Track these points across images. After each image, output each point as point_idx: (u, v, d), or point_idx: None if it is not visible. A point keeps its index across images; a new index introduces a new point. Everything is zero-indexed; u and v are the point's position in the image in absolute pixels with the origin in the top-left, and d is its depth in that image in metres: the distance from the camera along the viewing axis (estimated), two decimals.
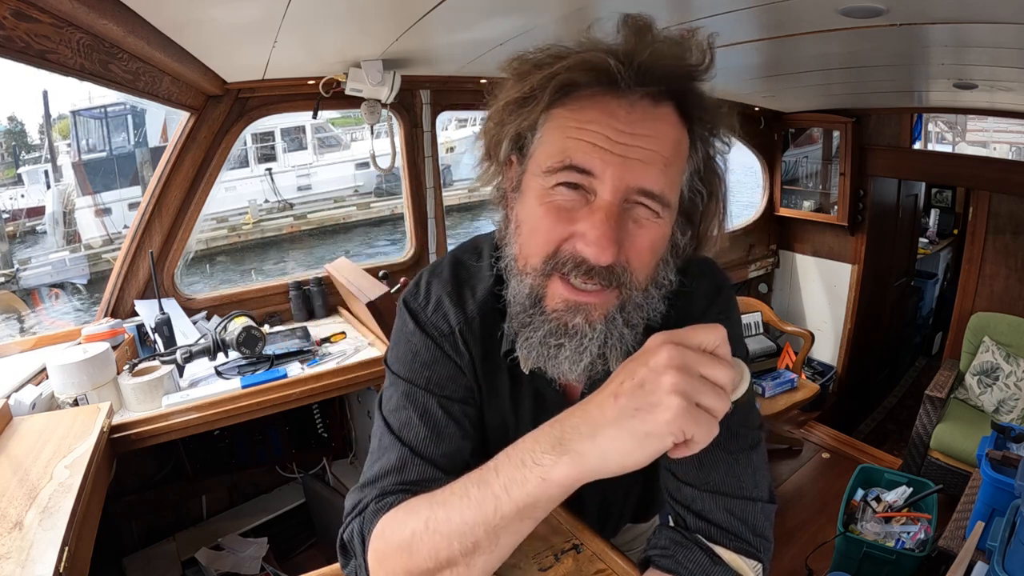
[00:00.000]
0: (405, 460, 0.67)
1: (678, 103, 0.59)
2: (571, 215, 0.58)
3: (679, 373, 0.46)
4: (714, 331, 0.48)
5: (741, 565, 0.63)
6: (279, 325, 2.06)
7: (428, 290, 0.74)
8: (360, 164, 12.02)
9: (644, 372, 0.48)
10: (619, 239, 0.56)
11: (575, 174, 0.57)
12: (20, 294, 8.19)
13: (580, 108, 0.57)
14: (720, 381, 0.47)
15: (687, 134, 0.60)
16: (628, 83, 0.55)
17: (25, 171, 11.48)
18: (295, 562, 2.00)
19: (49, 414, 1.31)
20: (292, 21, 1.25)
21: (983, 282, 3.04)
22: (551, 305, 0.61)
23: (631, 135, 0.55)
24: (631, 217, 0.58)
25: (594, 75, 0.56)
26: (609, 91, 0.56)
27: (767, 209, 3.70)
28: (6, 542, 0.84)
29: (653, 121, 0.56)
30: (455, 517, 0.54)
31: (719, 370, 0.47)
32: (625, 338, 0.62)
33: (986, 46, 1.59)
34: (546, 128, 0.60)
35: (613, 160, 0.55)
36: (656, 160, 0.56)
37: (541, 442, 0.51)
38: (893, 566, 1.95)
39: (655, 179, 0.56)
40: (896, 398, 4.11)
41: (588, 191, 0.57)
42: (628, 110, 0.56)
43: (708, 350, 0.48)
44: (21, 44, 0.95)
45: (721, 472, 0.64)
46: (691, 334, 0.48)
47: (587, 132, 0.56)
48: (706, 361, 0.47)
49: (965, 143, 4.65)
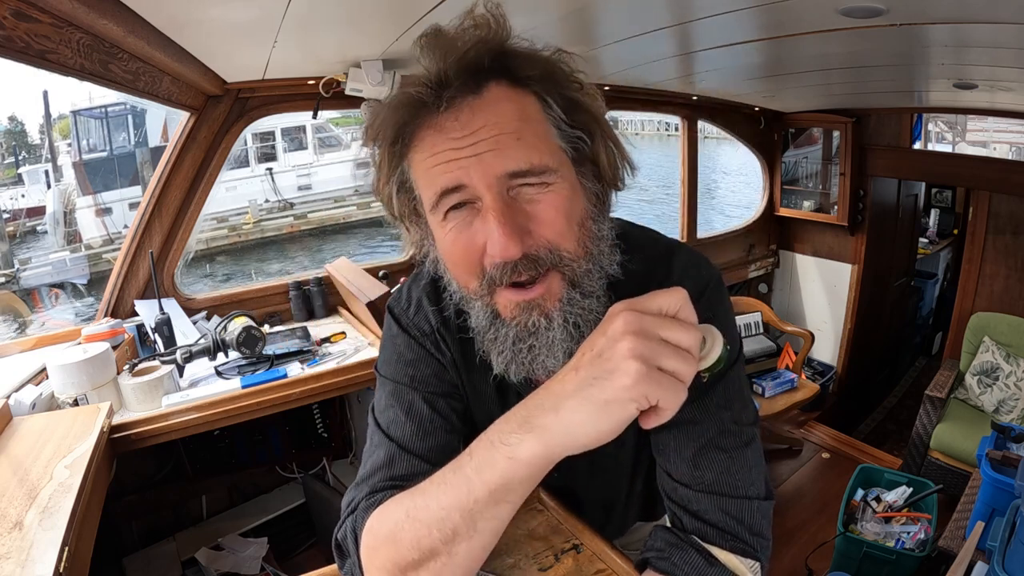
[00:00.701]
0: (393, 456, 0.69)
1: (501, 76, 0.58)
2: (472, 231, 0.59)
3: (636, 337, 0.45)
4: (674, 294, 0.48)
5: (738, 565, 0.62)
6: (279, 325, 2.06)
7: (409, 294, 0.78)
8: (360, 164, 12.01)
9: (602, 341, 0.48)
10: (520, 227, 0.57)
11: (451, 196, 0.58)
12: (20, 294, 8.18)
13: (422, 142, 0.59)
14: (682, 343, 0.46)
15: (529, 95, 0.59)
16: (440, 97, 0.57)
17: (25, 171, 11.49)
18: (295, 562, 2.00)
19: (49, 414, 1.32)
20: (292, 21, 1.25)
21: (983, 282, 3.04)
22: (506, 314, 0.62)
23: (471, 134, 0.56)
24: (523, 199, 0.58)
25: (411, 110, 0.58)
26: (433, 114, 0.58)
27: (767, 209, 3.70)
28: (6, 542, 0.84)
29: (482, 109, 0.57)
30: (432, 504, 0.55)
31: (679, 332, 0.46)
32: (590, 308, 0.62)
33: (986, 46, 1.59)
34: (412, 175, 0.62)
35: (470, 163, 0.56)
36: (506, 140, 0.56)
37: (510, 422, 0.52)
38: (893, 566, 1.95)
39: (515, 158, 0.56)
40: (896, 398, 4.11)
41: (472, 201, 0.58)
42: (456, 116, 0.57)
43: (669, 314, 0.47)
44: (21, 44, 0.95)
45: (716, 471, 0.64)
46: (650, 300, 0.48)
47: (437, 157, 0.57)
48: (666, 324, 0.47)
49: (965, 143, 4.64)
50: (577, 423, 0.48)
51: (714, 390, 0.66)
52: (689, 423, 0.66)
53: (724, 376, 0.67)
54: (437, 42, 0.58)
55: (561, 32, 1.57)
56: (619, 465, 0.83)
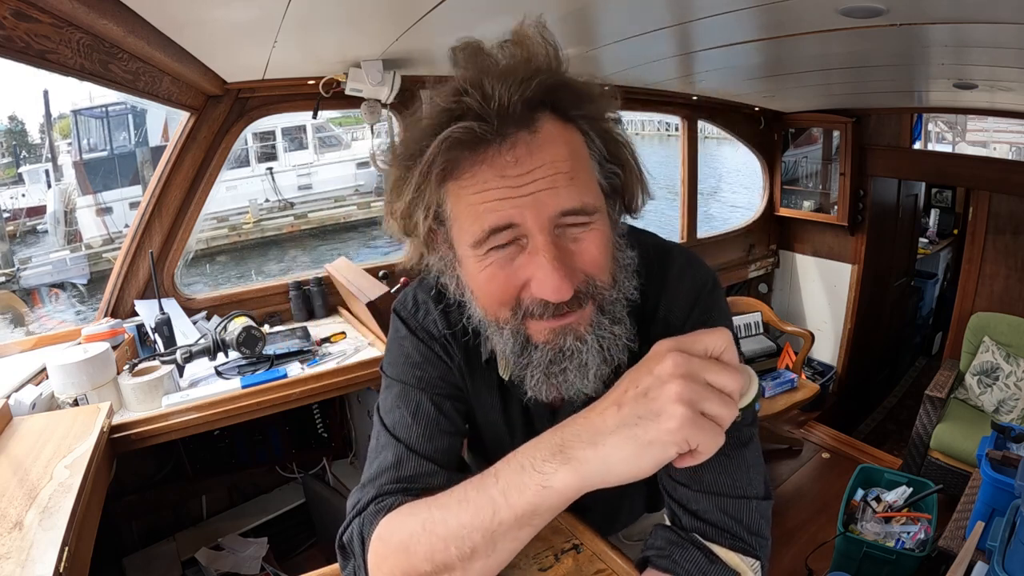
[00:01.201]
0: (400, 457, 0.69)
1: (551, 111, 0.57)
2: (515, 267, 0.58)
3: (684, 381, 0.45)
4: (719, 336, 0.47)
5: (739, 563, 0.62)
6: (279, 325, 2.06)
7: (416, 299, 0.78)
8: (361, 163, 12.03)
9: (649, 380, 0.47)
10: (569, 267, 0.56)
11: (499, 235, 0.56)
12: (20, 294, 8.18)
13: (471, 177, 0.56)
14: (728, 388, 0.46)
15: (576, 132, 0.59)
16: (498, 132, 0.54)
17: (26, 170, 11.49)
18: (295, 562, 2.00)
19: (49, 414, 1.32)
20: (292, 21, 1.25)
21: (983, 282, 3.04)
22: (539, 338, 0.61)
23: (528, 173, 0.55)
24: (568, 238, 0.57)
25: (466, 147, 0.55)
26: (485, 147, 0.55)
27: (767, 209, 3.70)
28: (6, 542, 0.84)
29: (539, 147, 0.55)
30: (452, 520, 0.54)
31: (727, 377, 0.46)
32: (617, 333, 0.62)
33: (986, 46, 1.59)
34: (450, 204, 0.59)
35: (524, 203, 0.55)
36: (560, 180, 0.55)
37: (542, 449, 0.51)
38: (893, 566, 1.95)
39: (569, 197, 0.55)
40: (896, 398, 4.11)
41: (519, 238, 0.57)
42: (512, 154, 0.55)
43: (715, 355, 0.47)
44: (21, 44, 0.95)
45: (714, 472, 0.64)
46: (696, 339, 0.48)
47: (489, 194, 0.55)
48: (713, 368, 0.46)
49: (965, 143, 4.64)
50: (616, 460, 0.47)
51: None
52: None
53: (754, 414, 0.67)
54: (484, 64, 0.57)
55: (561, 32, 1.57)
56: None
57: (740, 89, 2.82)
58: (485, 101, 0.54)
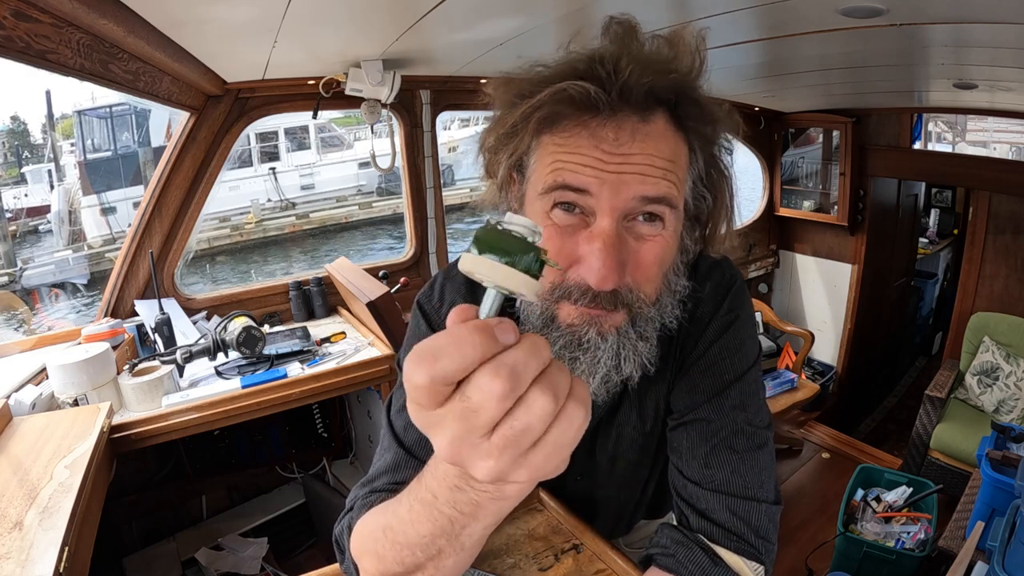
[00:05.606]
0: (399, 461, 0.68)
1: (670, 112, 0.57)
2: (573, 239, 0.57)
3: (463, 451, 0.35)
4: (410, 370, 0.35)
5: (742, 567, 0.62)
6: (279, 325, 2.06)
7: (442, 292, 0.75)
8: (363, 163, 12.01)
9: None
10: (621, 262, 0.55)
11: (570, 193, 0.56)
12: (20, 294, 8.18)
13: (567, 136, 0.56)
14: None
15: (684, 142, 0.58)
16: (611, 107, 0.54)
17: (28, 170, 11.50)
18: (295, 562, 2.00)
19: (49, 414, 1.32)
20: (292, 21, 1.25)
21: (983, 282, 3.04)
22: (564, 319, 0.60)
23: (622, 155, 0.54)
24: (633, 234, 0.57)
25: (575, 105, 0.55)
26: (594, 116, 0.55)
27: (767, 209, 3.70)
28: (6, 542, 0.84)
29: (644, 138, 0.55)
30: (411, 531, 0.50)
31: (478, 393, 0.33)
32: (639, 349, 0.61)
33: (986, 46, 1.59)
34: (537, 154, 0.59)
35: (607, 178, 0.54)
36: (650, 171, 0.55)
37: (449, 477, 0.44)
38: (893, 566, 1.95)
39: (653, 186, 0.55)
40: (896, 398, 4.11)
41: (586, 213, 0.56)
42: (616, 131, 0.54)
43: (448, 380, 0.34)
44: (21, 44, 0.95)
45: (727, 471, 0.64)
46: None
47: (577, 155, 0.55)
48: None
49: (965, 143, 4.63)
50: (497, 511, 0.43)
51: (730, 391, 0.67)
52: (704, 422, 0.66)
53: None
54: (629, 45, 0.57)
55: (561, 32, 1.57)
56: (639, 469, 0.83)
57: (740, 89, 2.81)
58: (613, 74, 0.54)
